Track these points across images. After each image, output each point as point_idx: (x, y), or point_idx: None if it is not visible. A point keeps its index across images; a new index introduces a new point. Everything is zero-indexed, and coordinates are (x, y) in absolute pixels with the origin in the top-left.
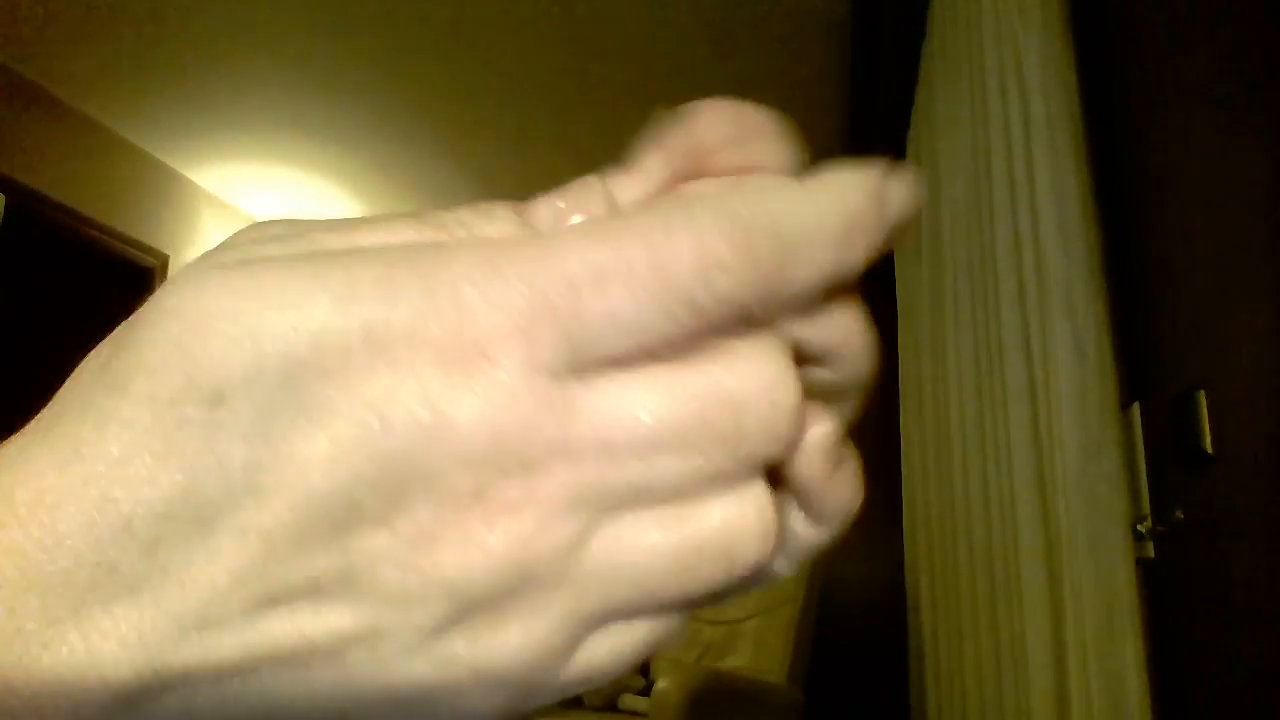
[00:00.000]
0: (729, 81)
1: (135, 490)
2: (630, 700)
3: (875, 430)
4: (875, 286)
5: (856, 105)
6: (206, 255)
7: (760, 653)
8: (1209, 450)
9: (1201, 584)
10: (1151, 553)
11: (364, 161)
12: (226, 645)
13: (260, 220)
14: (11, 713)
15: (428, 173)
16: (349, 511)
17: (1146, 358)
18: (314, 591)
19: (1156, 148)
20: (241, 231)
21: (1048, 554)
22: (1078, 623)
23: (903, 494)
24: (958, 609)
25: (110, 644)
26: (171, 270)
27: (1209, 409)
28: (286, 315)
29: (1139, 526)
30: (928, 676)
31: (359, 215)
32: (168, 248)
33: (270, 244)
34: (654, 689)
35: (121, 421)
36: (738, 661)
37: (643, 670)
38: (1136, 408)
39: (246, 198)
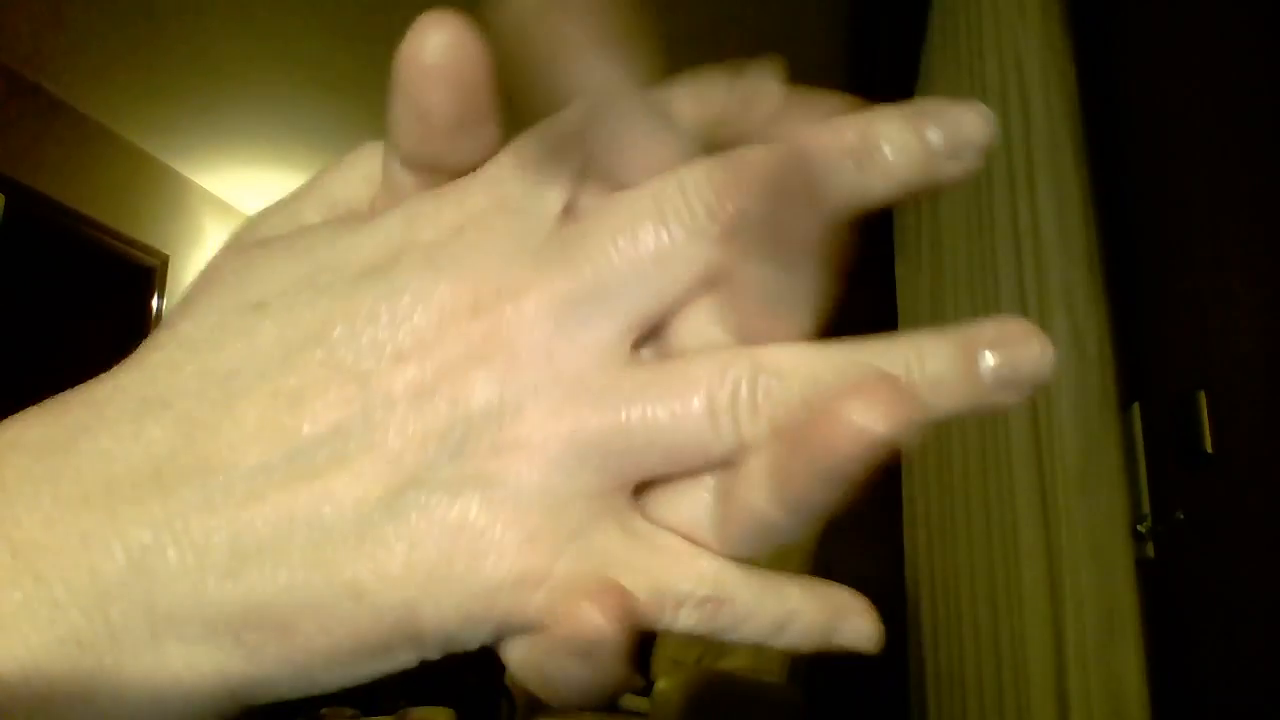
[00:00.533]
0: None
1: (174, 380)
2: (631, 700)
3: None
4: (875, 286)
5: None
6: (234, 239)
7: (760, 653)
8: (1209, 450)
9: (1201, 584)
10: (1151, 553)
11: None
12: (253, 513)
13: (250, 216)
14: (38, 575)
15: None
16: (368, 354)
17: (1146, 358)
18: (338, 436)
19: (1156, 147)
20: (246, 224)
21: (1048, 554)
22: (1078, 623)
23: (903, 494)
24: (958, 609)
25: (127, 503)
26: (171, 271)
27: (1209, 409)
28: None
29: (1139, 526)
30: (928, 676)
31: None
32: (168, 248)
33: (274, 224)
34: (654, 689)
35: (174, 337)
36: (738, 661)
37: (643, 670)
38: (1136, 408)
39: (247, 199)
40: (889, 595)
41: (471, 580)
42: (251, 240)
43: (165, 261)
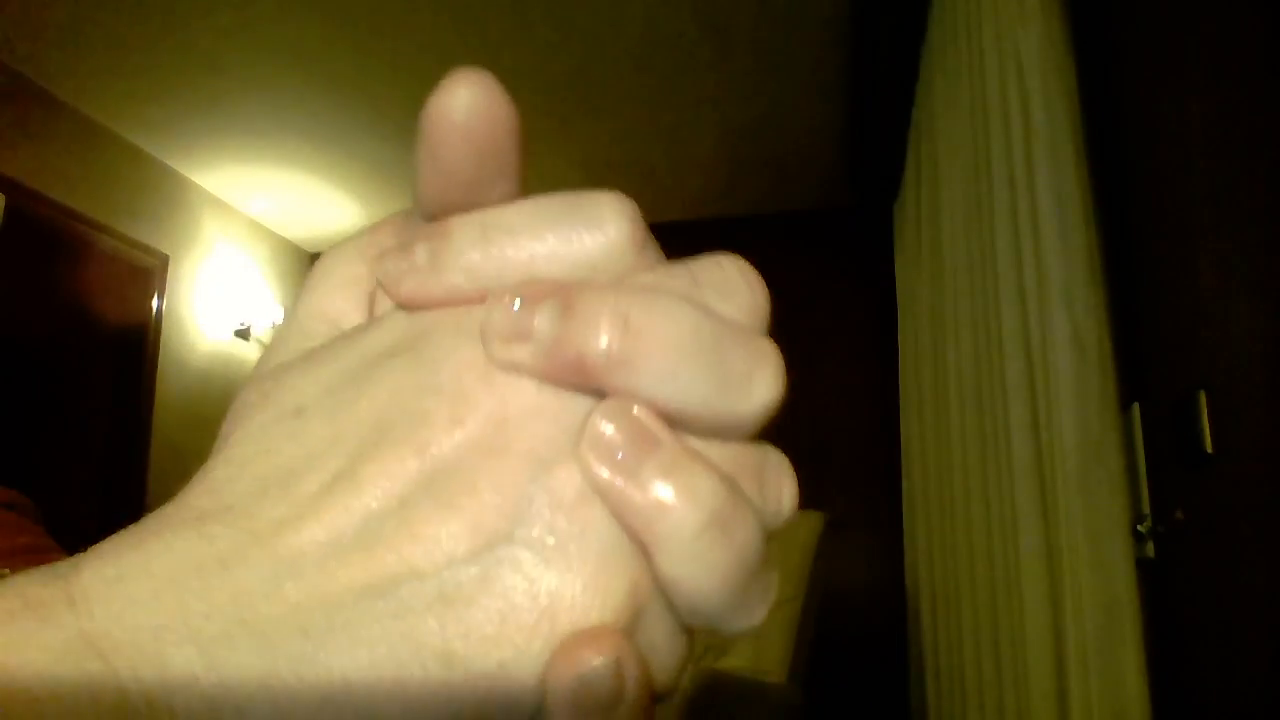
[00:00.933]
0: (729, 82)
1: (238, 485)
2: None
3: (875, 431)
4: (875, 287)
5: (856, 105)
6: (251, 376)
7: (760, 653)
8: (1209, 450)
9: (1201, 584)
10: (1151, 553)
11: (364, 164)
12: (325, 592)
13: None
14: (105, 659)
15: None
16: (420, 424)
17: (1146, 358)
18: (404, 508)
19: (1156, 147)
20: (259, 363)
21: (1048, 554)
22: (1078, 623)
23: (903, 494)
24: (958, 609)
25: (197, 597)
26: (171, 271)
27: (1209, 409)
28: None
29: (1139, 526)
30: (928, 676)
31: (357, 217)
32: (168, 248)
33: (284, 351)
34: None
35: (227, 459)
36: (738, 661)
37: None
38: (1136, 408)
39: (247, 199)
40: (889, 595)
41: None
42: (268, 370)
43: (165, 261)
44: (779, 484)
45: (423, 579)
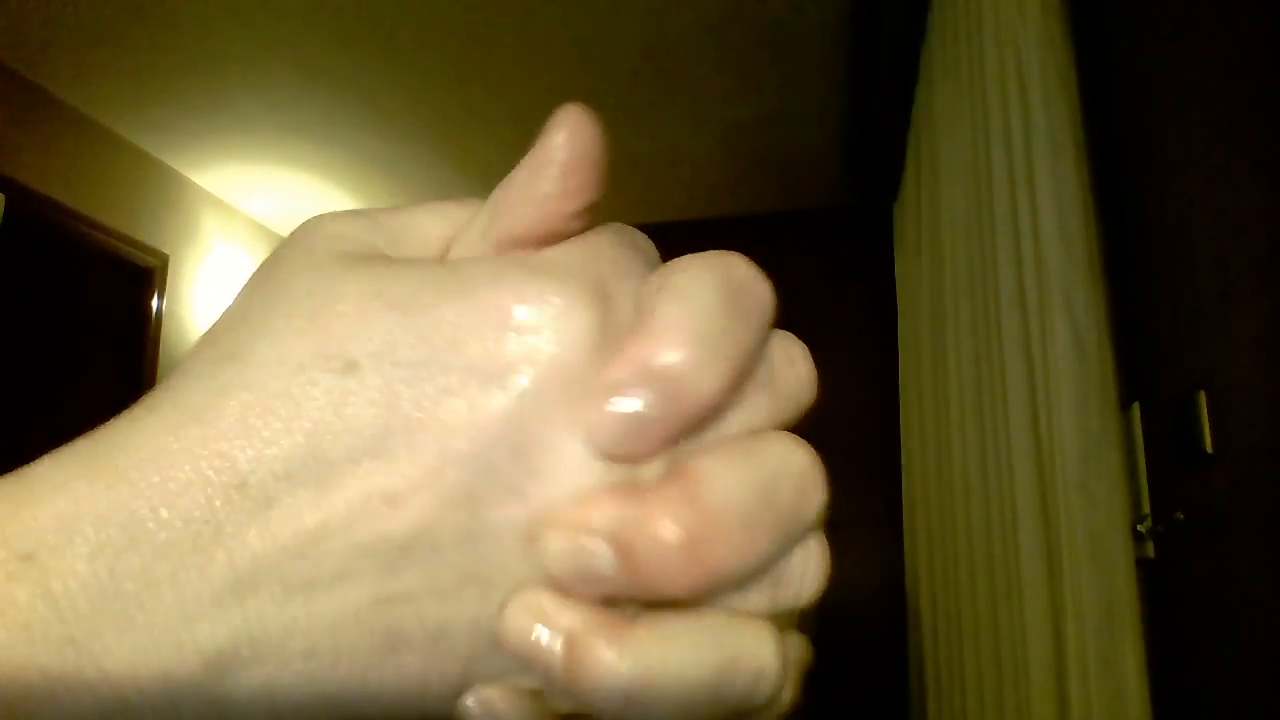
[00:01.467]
0: (729, 81)
1: (255, 450)
2: None
3: (875, 431)
4: (875, 287)
5: (856, 105)
6: (305, 239)
7: None
8: (1209, 450)
9: (1201, 584)
10: (1151, 553)
11: (364, 163)
12: (335, 620)
13: (322, 216)
14: (103, 671)
15: (428, 173)
16: (482, 480)
17: (1146, 358)
18: (437, 556)
19: (1156, 148)
20: (316, 225)
21: (1048, 554)
22: (1078, 623)
23: (903, 494)
24: (958, 609)
25: (205, 605)
26: (170, 271)
27: (1209, 409)
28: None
29: (1139, 526)
30: (928, 676)
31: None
32: (168, 248)
33: (351, 236)
34: None
35: (244, 385)
36: None
37: None
38: (1136, 408)
39: (246, 198)
40: (889, 595)
41: None
42: (327, 250)
43: (165, 261)
44: (799, 585)
45: (425, 632)
